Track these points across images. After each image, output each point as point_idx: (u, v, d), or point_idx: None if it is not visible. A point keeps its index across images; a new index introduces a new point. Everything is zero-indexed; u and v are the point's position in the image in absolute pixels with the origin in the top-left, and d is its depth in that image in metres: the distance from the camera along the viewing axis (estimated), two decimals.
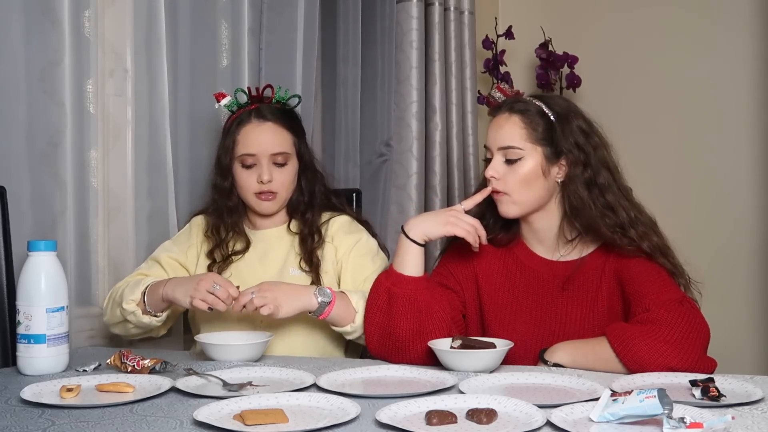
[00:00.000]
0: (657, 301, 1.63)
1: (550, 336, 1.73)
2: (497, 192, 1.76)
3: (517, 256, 1.84)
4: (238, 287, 1.73)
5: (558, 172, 1.77)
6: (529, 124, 1.74)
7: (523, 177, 1.73)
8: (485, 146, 1.80)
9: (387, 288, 1.73)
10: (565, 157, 1.75)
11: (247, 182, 1.94)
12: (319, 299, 1.75)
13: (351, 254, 1.95)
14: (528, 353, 1.71)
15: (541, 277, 1.80)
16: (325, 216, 2.02)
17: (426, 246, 1.76)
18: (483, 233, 1.75)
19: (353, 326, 1.78)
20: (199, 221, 2.04)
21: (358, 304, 1.78)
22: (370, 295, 1.76)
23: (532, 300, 1.79)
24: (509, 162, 1.74)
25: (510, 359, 1.62)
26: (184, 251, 1.99)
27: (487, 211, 1.82)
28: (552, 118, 1.76)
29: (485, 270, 1.83)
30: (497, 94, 1.87)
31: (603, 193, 1.75)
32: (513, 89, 1.91)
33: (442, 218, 1.75)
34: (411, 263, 1.74)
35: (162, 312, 1.81)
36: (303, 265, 1.93)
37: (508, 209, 1.76)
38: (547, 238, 1.81)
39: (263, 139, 1.93)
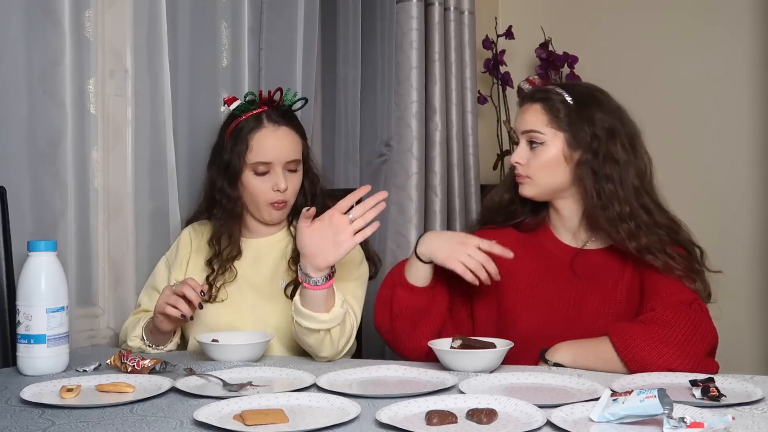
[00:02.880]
0: (666, 301, 1.64)
1: (565, 321, 1.75)
2: (520, 176, 1.79)
3: (540, 240, 1.86)
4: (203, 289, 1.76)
5: (580, 158, 1.78)
6: (550, 110, 1.77)
7: (545, 162, 1.76)
8: (514, 133, 1.86)
9: (393, 283, 1.78)
10: (582, 143, 1.76)
11: (260, 190, 1.87)
12: (326, 271, 1.64)
13: None
14: (540, 337, 1.71)
15: (561, 262, 1.81)
16: None
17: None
18: (493, 269, 1.71)
19: (324, 317, 1.65)
20: (186, 234, 1.99)
21: (338, 302, 1.69)
22: (388, 274, 1.82)
23: (549, 283, 1.80)
24: (533, 146, 1.78)
25: (522, 343, 1.65)
26: (179, 267, 1.95)
27: (515, 197, 1.85)
28: (571, 102, 1.78)
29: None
30: (526, 86, 1.91)
31: (606, 183, 1.74)
32: (543, 81, 1.95)
33: (452, 248, 1.71)
34: (414, 275, 1.76)
35: (163, 345, 1.84)
36: (292, 265, 1.88)
37: (526, 190, 1.80)
38: (572, 225, 1.83)
39: (279, 145, 1.87)
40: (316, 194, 1.98)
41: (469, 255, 1.69)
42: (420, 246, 1.75)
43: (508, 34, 3.32)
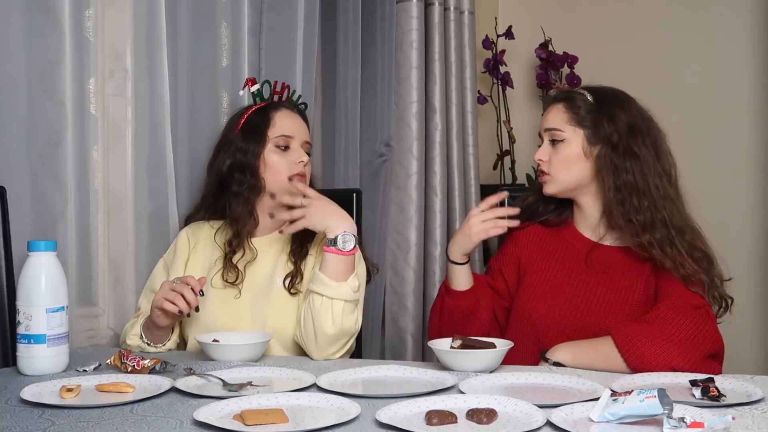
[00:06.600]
0: (673, 303, 1.66)
1: (575, 311, 1.78)
2: (543, 173, 1.86)
3: (562, 234, 1.92)
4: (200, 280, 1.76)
5: (600, 152, 1.82)
6: (570, 108, 1.84)
7: (565, 157, 1.83)
8: (539, 135, 1.93)
9: (441, 293, 1.94)
10: (602, 138, 1.80)
11: (283, 164, 1.92)
12: (350, 234, 1.75)
13: None
14: (551, 325, 1.78)
15: (578, 254, 1.85)
16: None
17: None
18: (511, 211, 1.83)
19: (329, 282, 1.72)
20: (183, 235, 1.99)
21: (350, 281, 1.74)
22: (438, 293, 1.97)
23: (564, 273, 1.85)
24: (554, 144, 1.84)
25: (532, 329, 1.79)
26: (178, 268, 1.94)
27: (539, 198, 1.94)
28: (591, 101, 1.83)
29: (528, 248, 1.93)
30: (554, 92, 2.01)
31: (625, 176, 1.77)
32: (571, 87, 2.02)
33: (468, 232, 1.84)
34: (457, 280, 1.88)
35: (161, 343, 1.84)
36: (292, 257, 1.91)
37: (547, 188, 1.87)
38: (593, 222, 1.87)
39: (298, 124, 1.99)
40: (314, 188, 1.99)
41: (481, 221, 1.81)
42: (450, 254, 1.87)
43: (508, 34, 3.33)
